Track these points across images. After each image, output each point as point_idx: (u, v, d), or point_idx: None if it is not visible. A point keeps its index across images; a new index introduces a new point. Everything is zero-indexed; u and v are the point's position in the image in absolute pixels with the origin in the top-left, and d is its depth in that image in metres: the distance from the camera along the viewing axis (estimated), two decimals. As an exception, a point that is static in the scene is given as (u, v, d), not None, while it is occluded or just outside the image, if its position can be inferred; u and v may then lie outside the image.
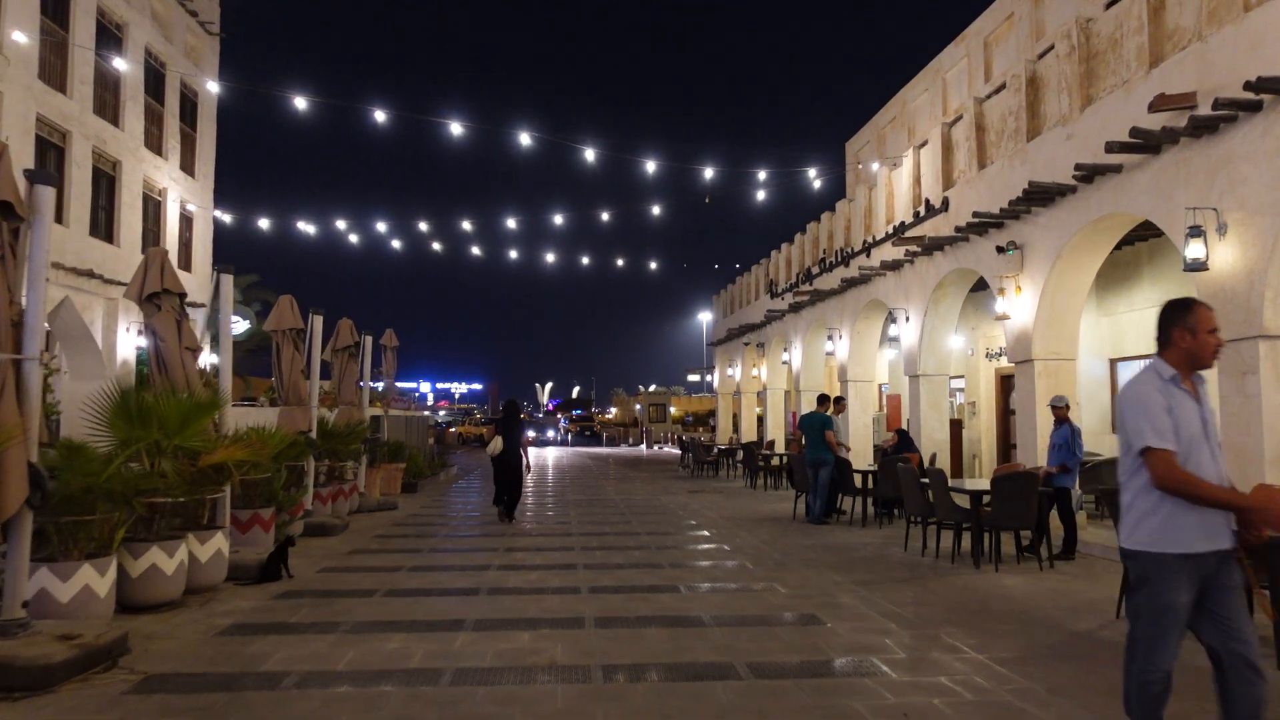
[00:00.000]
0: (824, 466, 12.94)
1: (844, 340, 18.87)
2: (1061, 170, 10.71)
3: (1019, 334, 11.76)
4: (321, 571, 8.98)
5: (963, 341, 18.48)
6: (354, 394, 15.10)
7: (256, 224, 21.73)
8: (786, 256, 23.73)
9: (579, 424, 67.89)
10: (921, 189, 15.24)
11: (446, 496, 17.91)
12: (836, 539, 11.39)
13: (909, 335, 15.34)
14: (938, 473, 9.66)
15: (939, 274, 14.24)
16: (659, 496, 17.62)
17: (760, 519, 13.60)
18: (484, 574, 8.87)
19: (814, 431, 13.02)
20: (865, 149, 21.94)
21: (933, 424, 14.96)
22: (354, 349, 15.20)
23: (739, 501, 16.42)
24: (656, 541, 11.20)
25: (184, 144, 21.37)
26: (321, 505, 12.65)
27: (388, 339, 23.84)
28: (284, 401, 12.04)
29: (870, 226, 17.63)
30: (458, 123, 15.35)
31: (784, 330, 23.54)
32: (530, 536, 11.73)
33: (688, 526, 12.76)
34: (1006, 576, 8.71)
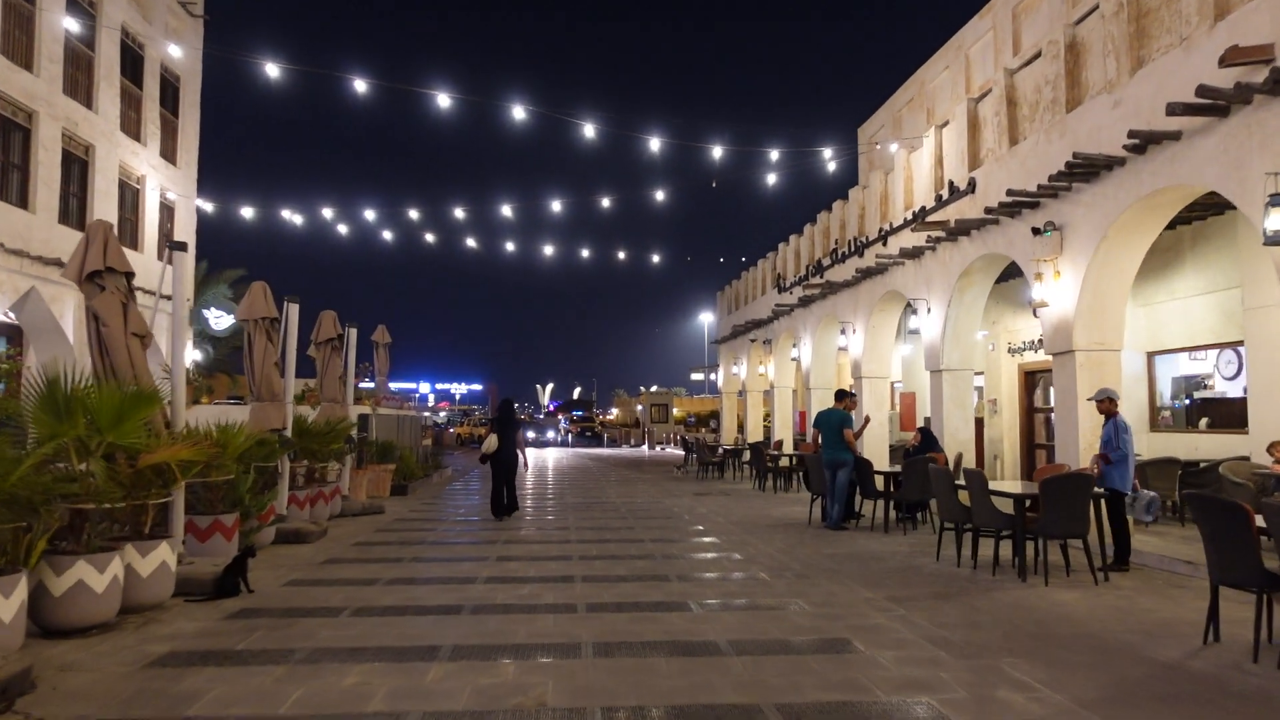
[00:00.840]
0: (842, 468, 11.95)
1: (858, 334, 17.88)
2: (1108, 141, 9.73)
3: (1058, 323, 10.77)
4: (287, 585, 7.99)
5: (982, 336, 17.49)
6: (337, 390, 14.13)
7: (244, 216, 20.78)
8: (795, 249, 22.74)
9: (580, 425, 66.93)
10: (944, 171, 14.26)
11: (439, 499, 16.93)
12: (859, 547, 10.40)
13: (931, 327, 14.35)
14: (976, 475, 8.67)
15: (965, 261, 13.25)
16: (663, 499, 16.63)
17: (773, 524, 12.61)
18: (469, 588, 7.88)
19: (831, 430, 12.03)
20: (880, 133, 20.94)
21: (957, 422, 13.96)
22: (337, 342, 14.22)
23: (748, 504, 15.42)
24: (662, 550, 10.22)
25: (165, 130, 20.40)
26: (298, 510, 11.68)
27: (380, 335, 22.85)
28: (256, 397, 11.06)
29: (887, 213, 16.64)
30: (452, 93, 14.36)
31: (792, 325, 22.55)
32: (525, 543, 10.75)
33: (695, 532, 11.77)
34: (1059, 591, 7.72)
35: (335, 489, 13.24)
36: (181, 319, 7.77)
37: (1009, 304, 17.30)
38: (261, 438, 10.51)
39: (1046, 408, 17.16)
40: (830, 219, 20.12)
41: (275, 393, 11.05)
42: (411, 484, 18.20)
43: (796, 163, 18.49)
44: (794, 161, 18.44)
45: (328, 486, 12.90)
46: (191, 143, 21.59)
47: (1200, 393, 13.14)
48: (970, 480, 8.69)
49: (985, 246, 12.60)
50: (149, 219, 19.34)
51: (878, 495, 11.94)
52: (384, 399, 20.72)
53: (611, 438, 58.21)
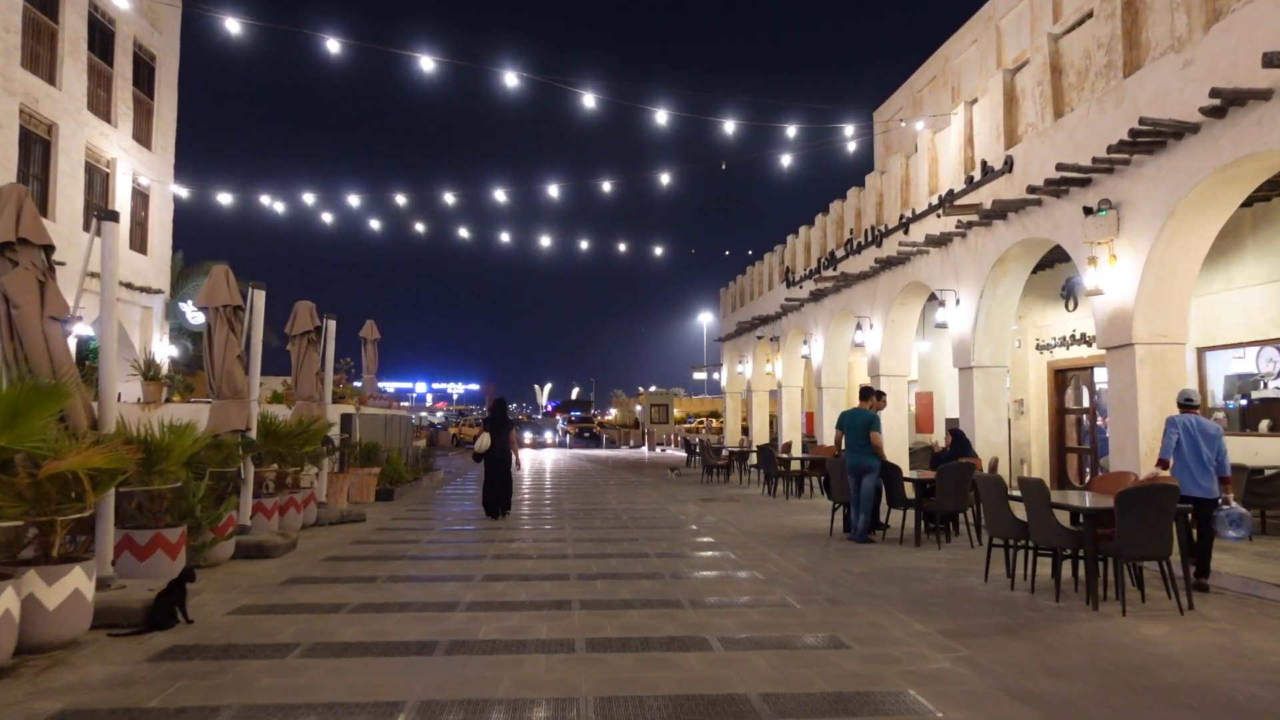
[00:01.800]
0: (868, 474, 10.80)
1: (875, 329, 16.74)
2: (1176, 105, 8.59)
3: (1113, 313, 9.62)
4: (235, 613, 6.83)
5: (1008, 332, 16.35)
6: (314, 387, 12.96)
7: (227, 206, 19.63)
8: (805, 240, 21.60)
9: (578, 425, 65.74)
10: (975, 150, 13.11)
11: (427, 505, 15.76)
12: (891, 563, 9.25)
13: (960, 321, 13.21)
14: (1036, 485, 7.51)
15: (1000, 247, 12.10)
16: (666, 506, 15.47)
17: (790, 535, 11.45)
18: (448, 617, 6.72)
19: (857, 432, 10.88)
20: (899, 116, 19.79)
21: (988, 423, 12.82)
22: (314, 335, 13.06)
23: (760, 512, 14.27)
24: (670, 567, 9.06)
25: (139, 112, 19.23)
26: (264, 519, 10.51)
27: (368, 331, 21.73)
28: (217, 394, 9.89)
29: (908, 199, 15.50)
30: (443, 58, 13.22)
31: (802, 321, 21.41)
32: (517, 559, 9.58)
33: (705, 545, 10.61)
34: (1143, 623, 6.56)
35: (310, 495, 12.08)
36: (110, 300, 6.61)
37: (1038, 297, 16.16)
38: (219, 440, 9.36)
39: (1078, 409, 16.03)
40: (844, 208, 18.99)
41: (238, 389, 9.88)
42: (399, 488, 17.02)
43: (809, 148, 17.35)
44: (807, 146, 17.29)
45: (301, 493, 11.74)
46: (168, 126, 20.42)
47: (1258, 392, 12.00)
48: (1029, 491, 7.53)
49: (1025, 230, 11.46)
50: (119, 205, 18.17)
51: (907, 504, 10.79)
52: (370, 398, 19.54)
53: (610, 439, 57.08)
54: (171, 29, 20.34)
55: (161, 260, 20.19)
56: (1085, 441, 15.77)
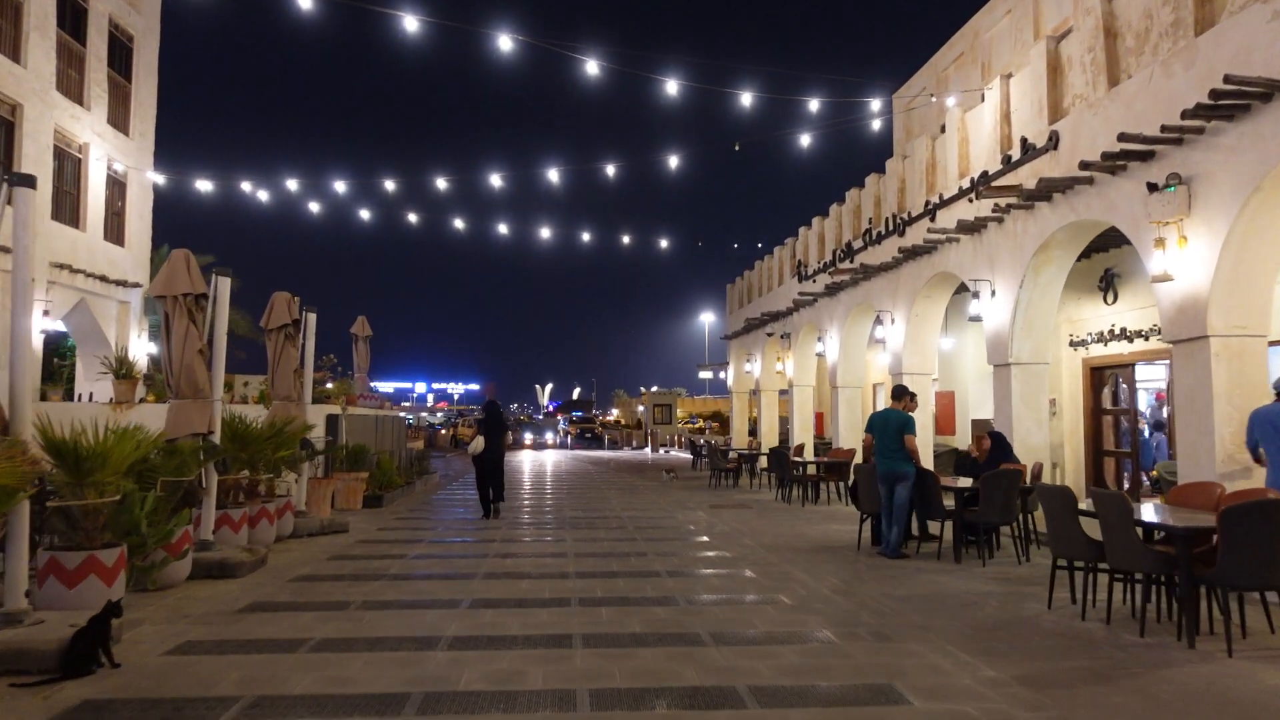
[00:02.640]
0: (902, 481, 9.73)
1: (897, 325, 15.66)
2: (1263, 63, 7.50)
3: (1183, 302, 8.54)
4: (173, 652, 5.76)
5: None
6: (292, 386, 11.88)
7: (214, 197, 18.57)
8: (819, 232, 20.51)
9: (579, 426, 64.69)
10: (1012, 127, 12.03)
11: (419, 512, 14.69)
12: (935, 584, 8.18)
13: (996, 314, 12.12)
14: (1115, 499, 6.43)
15: (1043, 232, 11.02)
16: (674, 513, 14.40)
17: (814, 549, 10.38)
18: (426, 659, 5.65)
19: (889, 435, 9.80)
20: (922, 97, 18.71)
21: (1028, 425, 11.73)
22: (292, 329, 11.99)
23: (776, 521, 13.19)
24: (684, 589, 7.99)
25: (115, 95, 18.17)
26: (231, 533, 9.44)
27: (359, 328, 20.66)
28: (175, 394, 8.83)
29: (934, 184, 14.41)
30: (430, 20, 12.14)
31: (816, 317, 20.33)
32: (511, 578, 8.51)
33: (721, 561, 9.54)
34: (1257, 667, 5.48)
35: (286, 504, 11.02)
36: (25, 283, 5.54)
37: (1073, 290, 15.03)
38: (174, 444, 8.30)
39: (1116, 409, 14.94)
40: (862, 196, 17.90)
41: (199, 388, 8.82)
42: (389, 494, 15.97)
43: (827, 126, 16.28)
44: (824, 124, 16.22)
45: (276, 502, 10.68)
46: (148, 111, 19.36)
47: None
48: (1107, 506, 6.45)
49: (1073, 212, 10.37)
50: (93, 193, 17.12)
51: (945, 516, 9.70)
52: (360, 397, 18.48)
53: (612, 439, 56.04)
54: (151, 8, 19.29)
55: (140, 252, 19.13)
56: (1125, 445, 14.68)
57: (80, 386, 17.90)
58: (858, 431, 18.90)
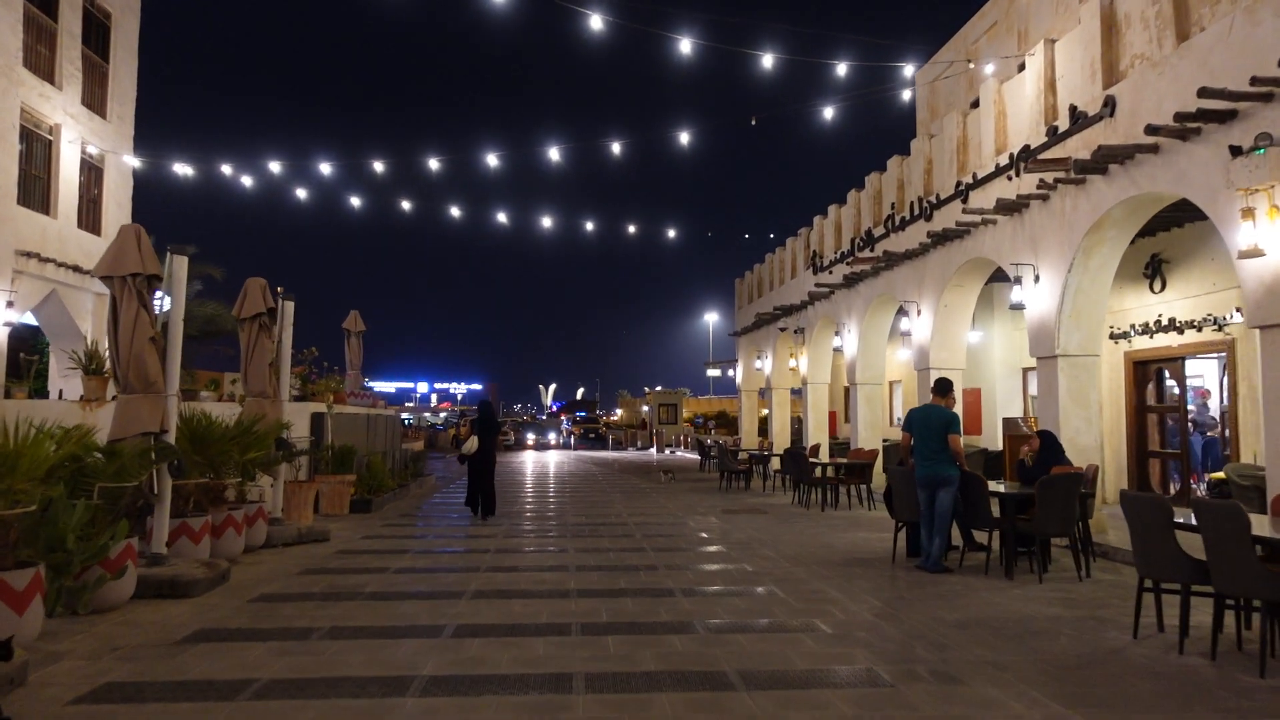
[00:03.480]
0: (945, 487, 8.64)
1: (924, 316, 14.57)
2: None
3: (1273, 283, 7.45)
4: (84, 700, 4.70)
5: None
6: (266, 381, 10.82)
7: (203, 187, 17.55)
8: (835, 220, 19.42)
9: (583, 426, 63.63)
10: (1058, 96, 10.95)
11: (409, 518, 13.63)
12: (991, 605, 7.10)
13: (1040, 302, 11.04)
14: (1231, 511, 5.33)
15: (1097, 209, 9.93)
16: (684, 519, 13.33)
17: (844, 562, 9.30)
18: (392, 710, 4.58)
19: (931, 435, 8.71)
20: (949, 73, 17.60)
21: (1076, 424, 10.65)
22: (267, 319, 10.93)
23: (796, 529, 12.10)
24: (703, 611, 6.91)
25: (90, 75, 17.14)
26: (190, 545, 8.38)
27: (351, 322, 19.68)
28: (123, 388, 7.79)
29: (966, 163, 13.32)
30: None
31: (832, 310, 19.24)
32: (505, 598, 7.45)
33: (743, 577, 8.46)
34: None
35: (258, 511, 9.96)
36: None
37: (1114, 277, 13.96)
38: (115, 446, 7.25)
39: (1162, 406, 13.85)
40: (883, 180, 16.82)
41: (150, 381, 7.77)
42: (379, 498, 14.91)
43: (845, 109, 15.20)
44: (846, 98, 15.14)
45: (246, 509, 9.63)
46: (127, 94, 18.33)
47: None
48: (1216, 520, 5.35)
49: (1134, 185, 9.28)
50: (65, 177, 16.09)
51: (993, 525, 8.61)
52: (351, 395, 17.44)
53: (616, 440, 54.97)
54: (130, -15, 18.26)
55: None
56: (1172, 445, 13.58)
57: (54, 383, 16.88)
58: (878, 431, 17.83)
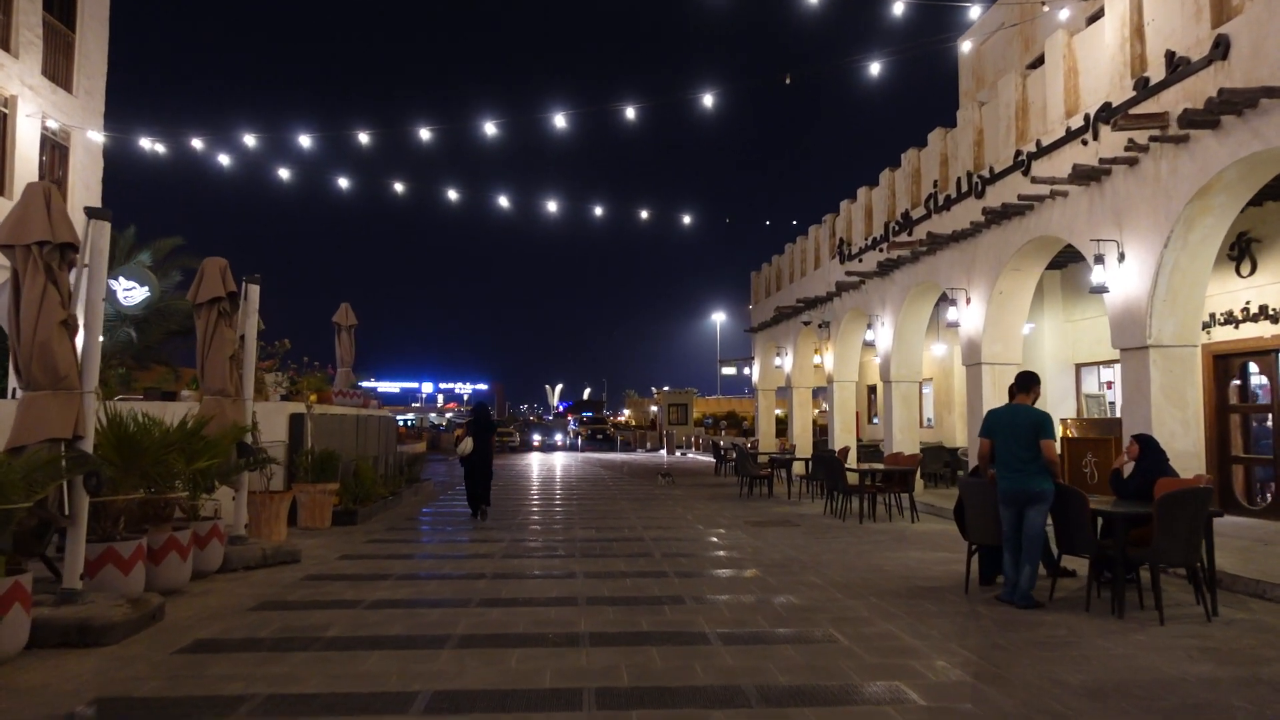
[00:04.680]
0: (1037, 504, 7.10)
1: (974, 305, 13.02)
2: None
3: None
4: None
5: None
6: (226, 377, 9.31)
7: (193, 171, 16.10)
8: (865, 204, 17.88)
9: (590, 427, 62.25)
10: (1146, 44, 9.40)
11: (398, 532, 12.13)
12: (1111, 655, 5.56)
13: (1125, 284, 9.50)
14: None
15: (1204, 171, 8.38)
16: (707, 532, 11.80)
17: (907, 592, 7.76)
18: None
19: (1019, 440, 7.16)
20: (997, 39, 16.02)
21: (1172, 426, 9.10)
22: (228, 305, 9.44)
23: (837, 546, 10.56)
24: (752, 667, 5.39)
25: (54, 45, 15.70)
26: (119, 576, 6.88)
27: (342, 316, 18.21)
28: (26, 383, 6.30)
29: (1026, 130, 11.77)
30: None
31: (864, 301, 17.70)
32: (498, 648, 5.93)
33: (791, 614, 6.92)
34: None
35: (212, 530, 8.45)
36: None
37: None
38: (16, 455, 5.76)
39: (1248, 405, 12.27)
40: (922, 157, 15.27)
41: (60, 375, 6.27)
42: (367, 508, 13.42)
43: (883, 78, 13.66)
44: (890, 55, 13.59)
45: (197, 528, 8.14)
46: (96, 66, 16.89)
47: None
48: None
49: (1257, 138, 7.73)
50: (22, 154, 14.65)
51: (1095, 550, 7.06)
52: (338, 393, 15.95)
53: (625, 441, 53.50)
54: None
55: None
56: (1261, 449, 12.00)
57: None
58: (914, 434, 16.29)
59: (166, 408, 10.06)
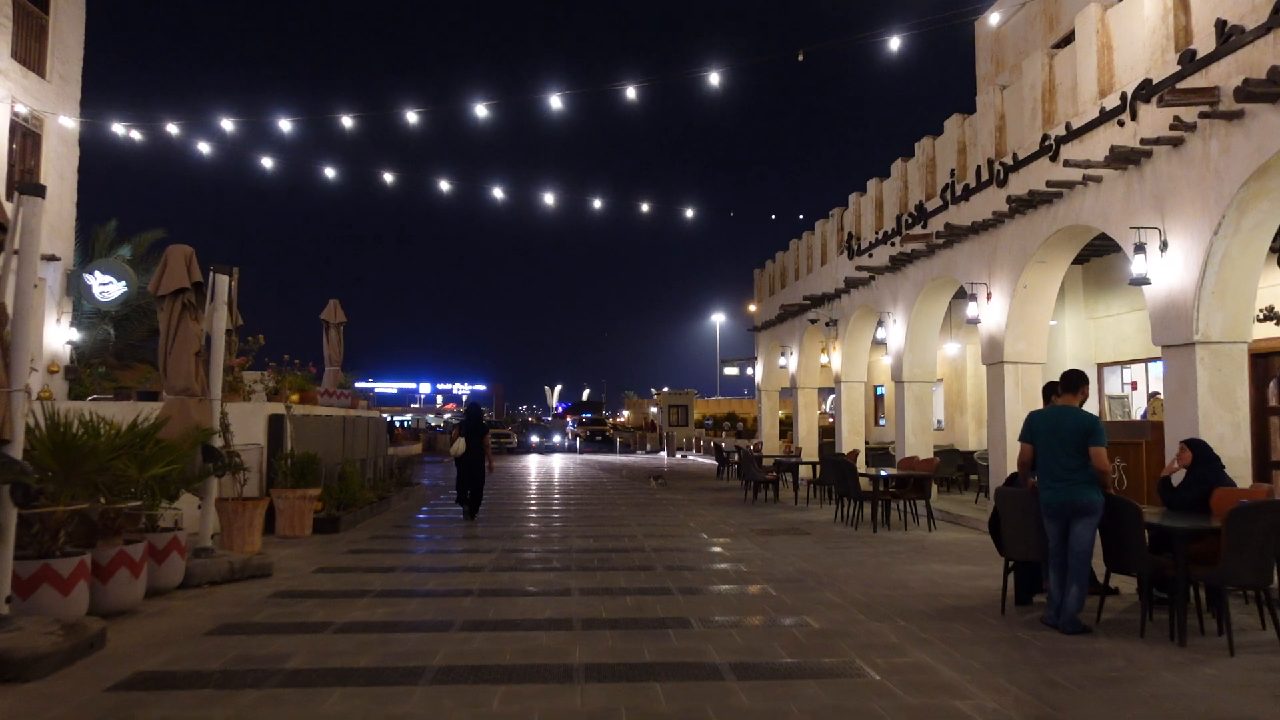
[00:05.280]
0: (1085, 517, 6.35)
1: (995, 300, 12.29)
2: None
3: None
4: None
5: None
6: (191, 374, 8.55)
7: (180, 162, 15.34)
8: (875, 197, 17.14)
9: (589, 428, 61.44)
10: (1191, 15, 8.66)
11: (383, 541, 11.36)
12: (1183, 694, 4.82)
13: (1168, 275, 8.76)
14: None
15: (1261, 150, 7.64)
16: (712, 541, 11.05)
17: (935, 611, 7.02)
18: None
19: (1065, 446, 6.41)
20: (1018, 19, 15.29)
21: (1220, 429, 8.36)
22: (193, 296, 8.68)
23: (850, 557, 9.81)
24: (773, 710, 4.64)
25: (24, 26, 14.95)
26: (56, 597, 6.13)
27: (330, 313, 17.47)
28: (-55, 378, 5.54)
29: (1054, 112, 11.03)
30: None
31: (874, 298, 16.96)
32: (482, 683, 5.18)
33: (811, 640, 6.17)
34: None
35: (172, 542, 7.69)
36: None
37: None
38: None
39: (1290, 408, 11.51)
40: (937, 145, 14.53)
41: (-17, 370, 5.51)
42: (351, 515, 12.67)
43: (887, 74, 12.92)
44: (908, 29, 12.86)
45: (154, 540, 7.39)
46: (71, 51, 16.14)
47: None
48: None
49: (1328, 112, 6.98)
50: (-11, 141, 13.88)
51: (1151, 568, 6.30)
52: (322, 393, 15.20)
53: (625, 442, 52.75)
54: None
55: (60, 219, 15.90)
56: (1304, 453, 11.25)
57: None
58: (927, 436, 15.55)
59: (139, 408, 9.29)
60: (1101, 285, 15.04)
